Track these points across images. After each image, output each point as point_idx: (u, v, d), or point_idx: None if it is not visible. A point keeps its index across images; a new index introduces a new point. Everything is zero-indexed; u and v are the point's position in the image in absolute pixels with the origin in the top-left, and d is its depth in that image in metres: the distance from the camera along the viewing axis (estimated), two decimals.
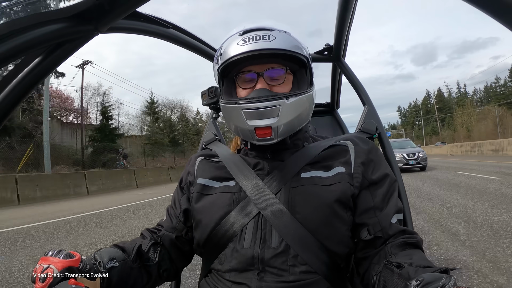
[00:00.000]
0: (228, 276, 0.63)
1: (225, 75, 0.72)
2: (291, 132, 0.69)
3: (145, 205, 7.49)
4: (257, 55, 0.64)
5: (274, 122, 0.63)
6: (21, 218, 6.14)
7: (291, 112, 0.65)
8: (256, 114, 0.63)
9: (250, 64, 0.67)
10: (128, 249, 0.67)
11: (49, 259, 0.52)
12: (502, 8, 0.36)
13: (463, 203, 5.03)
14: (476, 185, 6.85)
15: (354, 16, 1.02)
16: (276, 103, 0.63)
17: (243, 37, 0.65)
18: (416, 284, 0.43)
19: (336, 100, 1.80)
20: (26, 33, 0.49)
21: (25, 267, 3.11)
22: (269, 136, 0.64)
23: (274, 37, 0.64)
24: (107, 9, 0.54)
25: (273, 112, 0.63)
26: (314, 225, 0.62)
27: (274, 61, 0.67)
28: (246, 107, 0.64)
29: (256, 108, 0.63)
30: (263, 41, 0.63)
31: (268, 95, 0.64)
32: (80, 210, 6.89)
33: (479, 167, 11.42)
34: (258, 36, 0.64)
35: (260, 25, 0.68)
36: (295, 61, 0.69)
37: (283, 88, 0.68)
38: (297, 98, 0.65)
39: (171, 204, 0.82)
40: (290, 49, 0.65)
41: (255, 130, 0.64)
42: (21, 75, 0.57)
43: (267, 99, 0.63)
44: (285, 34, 0.67)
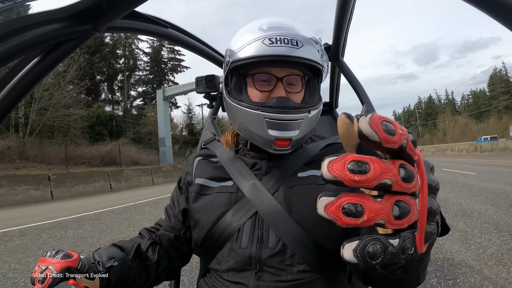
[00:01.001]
0: (226, 276, 0.63)
1: (236, 70, 0.68)
2: (302, 143, 0.70)
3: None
4: (282, 60, 0.62)
5: (295, 135, 0.63)
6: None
7: (310, 125, 0.65)
8: (280, 125, 0.61)
9: (271, 66, 0.64)
10: (127, 248, 0.68)
11: (48, 260, 0.53)
12: (501, 8, 0.37)
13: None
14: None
15: (352, 16, 1.02)
16: (300, 116, 0.62)
17: (268, 35, 0.61)
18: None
19: (335, 99, 1.81)
20: (24, 33, 0.49)
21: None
22: (287, 147, 0.64)
23: (302, 44, 0.62)
24: (105, 9, 0.54)
25: (296, 125, 0.62)
26: (311, 225, 0.62)
27: (295, 68, 0.65)
28: (269, 117, 0.61)
29: (281, 119, 0.61)
30: (292, 47, 0.60)
31: (292, 106, 0.63)
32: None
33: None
34: (286, 39, 0.61)
35: (283, 23, 0.65)
36: (313, 70, 0.68)
37: (299, 96, 0.67)
38: (316, 111, 0.66)
39: (169, 204, 0.82)
40: (316, 60, 0.64)
41: (275, 141, 0.62)
42: (20, 74, 0.57)
43: (292, 112, 0.62)
44: (310, 42, 0.64)
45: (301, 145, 0.75)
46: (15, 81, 0.57)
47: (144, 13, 0.73)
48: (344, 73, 1.27)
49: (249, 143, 0.73)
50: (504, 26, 0.38)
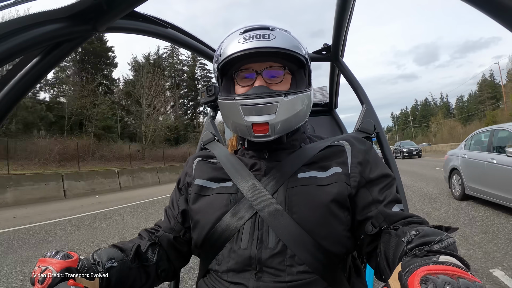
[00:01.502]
0: (225, 277, 0.63)
1: (225, 73, 0.73)
2: (288, 130, 0.69)
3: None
4: (256, 53, 0.64)
5: (272, 119, 0.63)
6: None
7: (288, 110, 0.65)
8: (254, 110, 0.64)
9: (249, 62, 0.67)
10: (127, 249, 0.68)
11: (47, 260, 0.52)
12: (500, 9, 0.37)
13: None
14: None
15: (352, 16, 1.02)
16: (274, 99, 0.63)
17: (243, 35, 0.66)
18: (415, 233, 0.43)
19: (334, 99, 1.81)
20: (24, 33, 0.49)
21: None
22: (266, 133, 0.65)
23: (275, 36, 0.64)
24: (105, 9, 0.54)
25: (271, 109, 0.63)
26: (311, 225, 0.62)
27: (273, 60, 0.67)
28: (243, 103, 0.64)
29: (254, 104, 0.63)
30: (264, 40, 0.64)
31: (266, 92, 0.65)
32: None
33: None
34: (259, 34, 0.65)
35: (261, 24, 0.68)
36: (294, 61, 0.69)
37: (281, 87, 0.68)
38: (295, 96, 0.66)
39: (169, 205, 0.82)
40: (290, 48, 0.65)
41: (252, 126, 0.64)
42: (20, 75, 0.57)
43: (265, 96, 0.63)
44: (285, 33, 0.67)
45: (300, 145, 0.75)
46: (15, 81, 0.57)
47: (144, 13, 0.73)
48: (344, 74, 1.27)
49: (246, 142, 0.73)
50: (503, 26, 0.38)
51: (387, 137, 1.19)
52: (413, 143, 27.31)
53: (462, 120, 53.81)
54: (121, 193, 11.33)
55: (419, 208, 5.15)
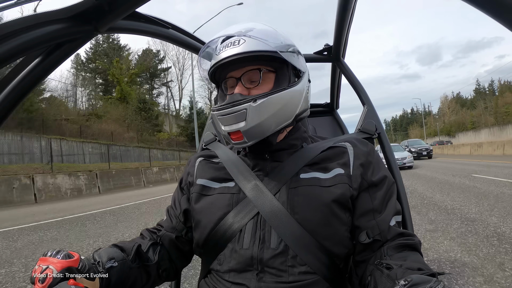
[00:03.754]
0: (227, 277, 0.63)
1: (218, 85, 0.75)
2: (266, 133, 0.66)
3: None
4: (230, 61, 0.65)
5: (242, 126, 0.64)
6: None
7: (259, 115, 0.63)
8: (226, 119, 0.66)
9: (230, 71, 0.69)
10: (127, 249, 0.68)
11: (48, 260, 0.52)
12: (501, 9, 0.36)
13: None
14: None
15: (353, 17, 1.02)
16: (241, 107, 0.63)
17: (220, 46, 0.68)
18: (404, 283, 0.44)
19: (335, 100, 1.81)
20: (25, 34, 0.49)
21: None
22: (241, 140, 0.66)
23: (244, 41, 0.65)
24: (106, 10, 0.54)
25: (240, 117, 0.64)
26: (313, 226, 0.62)
27: (250, 64, 0.67)
28: (218, 114, 0.67)
29: (225, 114, 0.65)
30: (233, 47, 0.65)
31: (236, 100, 0.65)
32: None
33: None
34: (230, 42, 0.66)
35: (233, 31, 0.68)
36: (272, 59, 0.67)
37: (261, 90, 0.67)
38: (266, 99, 0.63)
39: (171, 205, 0.82)
40: (256, 49, 0.64)
41: (230, 135, 0.66)
42: (21, 75, 0.57)
43: (234, 104, 0.64)
44: (256, 34, 0.65)
45: (301, 145, 0.75)
46: (16, 81, 0.57)
47: (145, 14, 0.73)
48: (345, 74, 1.26)
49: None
50: (504, 26, 0.38)
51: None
52: (422, 142, 23.78)
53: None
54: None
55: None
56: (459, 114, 50.98)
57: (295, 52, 0.70)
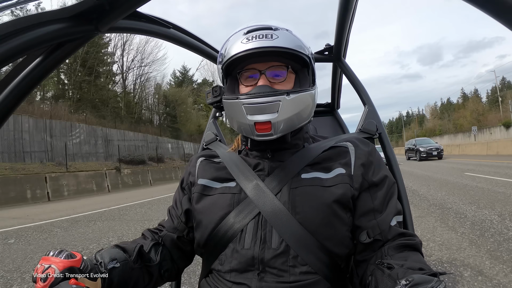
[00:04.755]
0: (228, 277, 0.63)
1: (229, 73, 0.73)
2: (291, 129, 0.68)
3: None
4: (259, 53, 0.64)
5: (274, 118, 0.63)
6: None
7: (291, 109, 0.65)
8: (256, 109, 0.64)
9: (253, 62, 0.68)
10: (129, 250, 0.68)
11: (51, 259, 0.52)
12: (501, 9, 0.36)
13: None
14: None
15: (354, 17, 1.02)
16: (276, 98, 0.63)
17: (246, 35, 0.66)
18: (405, 283, 0.44)
19: (336, 100, 1.80)
20: (26, 33, 0.49)
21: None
22: (268, 132, 0.64)
23: (277, 36, 0.65)
24: (107, 9, 0.54)
25: (273, 108, 0.63)
26: (314, 226, 0.62)
27: (276, 60, 0.67)
28: (246, 102, 0.64)
29: (256, 103, 0.63)
30: (266, 40, 0.64)
31: (269, 91, 0.65)
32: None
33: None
34: (262, 34, 0.65)
35: (264, 24, 0.68)
36: (297, 60, 0.69)
37: (284, 86, 0.68)
38: (298, 95, 0.65)
39: (172, 205, 0.82)
40: (292, 47, 0.65)
41: (255, 125, 0.64)
42: (22, 75, 0.57)
43: (267, 95, 0.64)
44: (287, 33, 0.67)
45: (303, 145, 0.74)
46: (17, 81, 0.57)
47: (146, 14, 0.73)
48: (346, 74, 1.26)
49: (250, 142, 0.73)
50: (504, 25, 0.37)
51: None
52: (431, 141, 20.83)
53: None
54: None
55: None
56: (440, 120, 57.44)
57: (313, 57, 0.73)
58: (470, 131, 32.14)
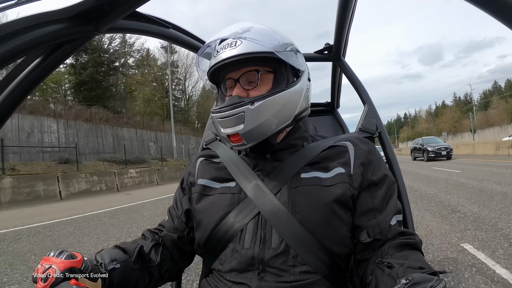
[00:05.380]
0: (228, 276, 0.63)
1: (217, 84, 0.75)
2: (265, 135, 0.66)
3: None
4: (229, 63, 0.65)
5: (240, 129, 0.64)
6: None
7: (257, 117, 0.63)
8: (225, 122, 0.66)
9: (228, 72, 0.69)
10: (130, 250, 0.68)
11: (51, 260, 0.52)
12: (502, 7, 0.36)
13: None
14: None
15: (354, 16, 1.02)
16: (239, 110, 0.63)
17: (217, 47, 0.68)
18: (405, 282, 0.44)
19: (336, 99, 1.80)
20: (26, 34, 0.49)
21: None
22: (240, 142, 0.66)
23: (241, 42, 0.64)
24: (106, 10, 0.54)
25: (239, 120, 0.64)
26: (314, 225, 0.62)
27: (248, 65, 0.67)
28: (217, 117, 0.67)
29: (223, 117, 0.65)
30: (230, 49, 0.64)
31: (234, 102, 0.64)
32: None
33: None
34: (227, 44, 0.65)
35: (228, 31, 0.68)
36: (270, 60, 0.66)
37: (259, 91, 0.66)
38: (263, 102, 0.63)
39: (172, 205, 0.82)
40: (252, 50, 0.63)
41: (229, 137, 0.66)
42: (22, 75, 0.57)
43: (232, 107, 0.64)
44: (253, 34, 0.64)
45: (302, 145, 0.74)
46: (17, 82, 0.57)
47: (145, 14, 0.73)
48: (346, 73, 1.26)
49: None
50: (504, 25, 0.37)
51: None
52: (439, 140, 19.25)
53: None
54: None
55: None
56: (427, 123, 65.61)
57: (293, 50, 0.69)
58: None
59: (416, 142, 20.21)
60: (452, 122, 50.27)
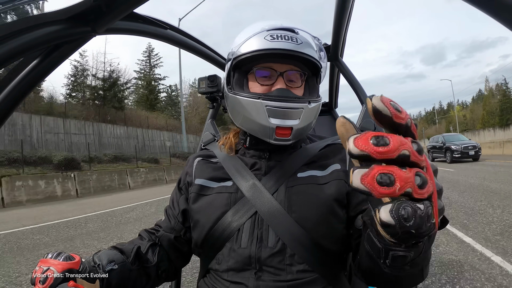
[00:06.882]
0: (226, 276, 0.63)
1: (239, 67, 0.71)
2: (302, 136, 0.70)
3: None
4: (282, 54, 0.64)
5: (296, 124, 0.64)
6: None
7: (309, 117, 0.67)
8: (281, 113, 0.63)
9: (271, 62, 0.67)
10: (127, 251, 0.68)
11: (49, 261, 0.52)
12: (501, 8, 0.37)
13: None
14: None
15: (351, 16, 1.02)
16: (300, 105, 0.64)
17: (270, 33, 0.65)
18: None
19: (334, 99, 1.81)
20: (23, 35, 0.49)
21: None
22: (287, 137, 0.65)
23: (301, 41, 0.65)
24: (104, 11, 0.54)
25: (296, 114, 0.64)
26: (311, 224, 0.62)
27: (295, 64, 0.68)
28: (270, 104, 0.63)
29: (281, 107, 0.63)
30: (292, 42, 0.64)
31: (293, 96, 0.65)
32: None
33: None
34: (287, 36, 0.65)
35: (286, 25, 0.68)
36: (311, 68, 0.70)
37: (299, 92, 0.69)
38: (316, 104, 0.68)
39: (169, 205, 0.82)
40: (313, 55, 0.66)
41: (276, 129, 0.64)
42: (19, 77, 0.57)
43: (292, 100, 0.64)
44: (309, 39, 0.68)
45: (300, 145, 0.75)
46: (14, 83, 0.57)
47: (143, 15, 0.73)
48: (344, 73, 1.27)
49: (248, 141, 0.73)
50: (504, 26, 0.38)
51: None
52: (463, 137, 15.58)
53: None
54: None
55: None
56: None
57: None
58: (420, 139, 39.71)
59: (435, 140, 16.62)
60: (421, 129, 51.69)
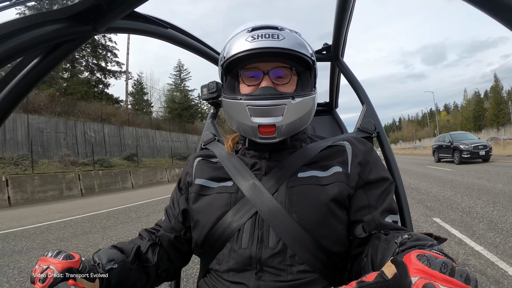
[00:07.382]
0: (226, 276, 0.63)
1: (230, 71, 0.72)
2: (293, 132, 0.69)
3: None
4: (264, 53, 0.64)
5: (278, 121, 0.63)
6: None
7: (295, 113, 0.65)
8: (261, 111, 0.63)
9: (256, 62, 0.67)
10: (127, 250, 0.67)
11: (49, 260, 0.52)
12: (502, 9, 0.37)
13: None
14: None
15: (352, 16, 1.02)
16: (281, 102, 0.63)
17: (252, 33, 0.65)
18: (407, 237, 0.44)
19: (334, 99, 1.81)
20: (24, 34, 0.49)
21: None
22: (272, 135, 0.64)
23: (283, 37, 0.64)
24: (105, 10, 0.54)
25: (278, 111, 0.63)
26: (311, 225, 0.62)
27: (280, 61, 0.67)
28: (251, 104, 0.63)
29: (261, 105, 0.63)
30: (272, 40, 0.63)
31: (274, 93, 0.64)
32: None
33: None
34: (267, 34, 0.64)
35: (269, 23, 0.68)
36: (301, 63, 0.69)
37: (287, 88, 0.68)
38: (302, 99, 0.65)
39: (169, 205, 0.82)
40: (297, 49, 0.65)
41: (259, 128, 0.64)
42: (20, 75, 0.57)
43: (273, 97, 0.63)
44: (294, 34, 0.67)
45: (300, 145, 0.75)
46: (15, 82, 0.57)
47: (144, 14, 0.73)
48: (344, 73, 1.26)
49: (248, 141, 0.73)
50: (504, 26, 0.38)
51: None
52: (472, 136, 14.21)
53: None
54: None
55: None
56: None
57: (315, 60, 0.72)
58: (412, 140, 43.22)
59: (441, 139, 15.41)
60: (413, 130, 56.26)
